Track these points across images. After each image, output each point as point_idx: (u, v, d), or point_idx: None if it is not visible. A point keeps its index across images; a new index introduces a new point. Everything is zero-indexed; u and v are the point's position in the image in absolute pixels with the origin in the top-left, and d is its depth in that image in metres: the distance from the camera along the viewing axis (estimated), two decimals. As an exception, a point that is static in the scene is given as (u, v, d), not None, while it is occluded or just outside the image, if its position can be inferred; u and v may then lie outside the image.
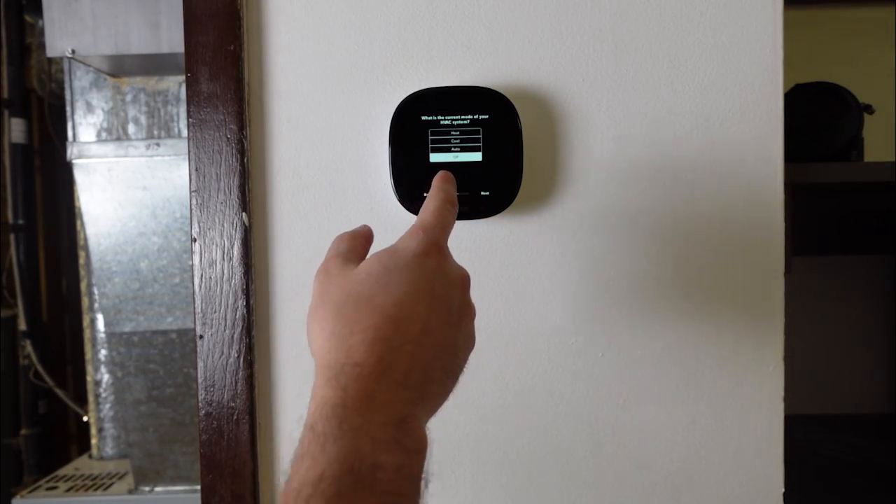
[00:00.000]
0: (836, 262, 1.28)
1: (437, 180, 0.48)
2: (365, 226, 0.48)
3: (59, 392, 1.78)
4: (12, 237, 1.80)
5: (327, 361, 0.38)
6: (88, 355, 1.53)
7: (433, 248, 0.42)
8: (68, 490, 1.42)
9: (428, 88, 0.58)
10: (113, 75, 1.40)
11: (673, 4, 0.59)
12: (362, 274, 0.41)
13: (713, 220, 0.60)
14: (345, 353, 0.37)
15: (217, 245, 0.61)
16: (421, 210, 0.45)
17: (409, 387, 0.37)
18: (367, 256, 0.44)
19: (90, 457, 1.58)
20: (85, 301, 1.53)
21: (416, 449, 0.36)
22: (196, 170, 0.60)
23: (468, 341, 0.44)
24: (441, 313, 0.40)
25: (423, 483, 0.37)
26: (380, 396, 0.36)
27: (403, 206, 0.57)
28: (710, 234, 0.60)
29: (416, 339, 0.38)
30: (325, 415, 0.35)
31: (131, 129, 1.40)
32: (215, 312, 0.61)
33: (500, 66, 0.60)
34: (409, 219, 0.54)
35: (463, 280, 0.44)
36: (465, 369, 0.43)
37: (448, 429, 0.62)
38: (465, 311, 0.43)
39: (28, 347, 1.80)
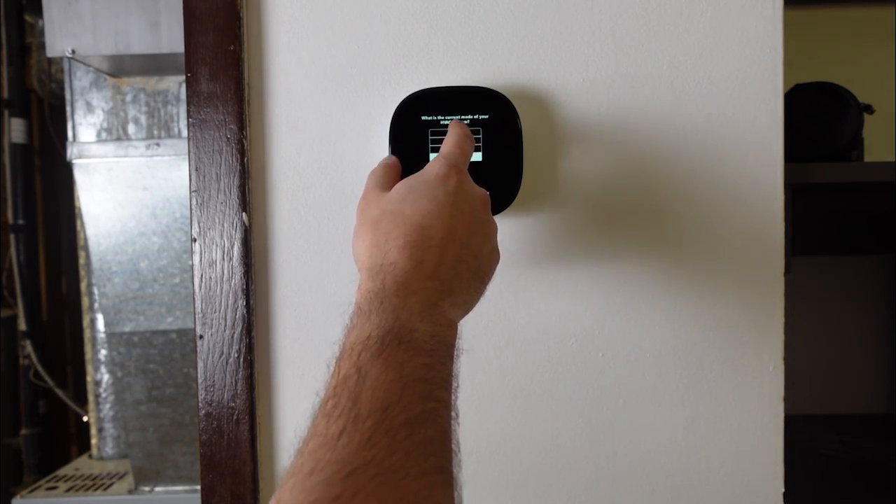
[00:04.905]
0: (836, 262, 1.28)
1: (452, 124, 0.54)
2: (391, 157, 0.56)
3: (59, 392, 1.78)
4: (12, 237, 1.80)
5: (369, 265, 0.45)
6: (88, 355, 1.53)
7: (453, 170, 0.48)
8: (68, 490, 1.42)
9: (428, 88, 0.58)
10: (113, 75, 1.40)
11: (673, 4, 0.59)
12: (393, 194, 0.48)
13: (713, 219, 0.60)
14: (382, 256, 0.44)
15: (217, 245, 0.61)
16: (442, 145, 0.52)
17: (438, 279, 0.44)
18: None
19: (90, 457, 1.58)
20: (85, 301, 1.53)
21: (446, 325, 0.43)
22: (196, 170, 0.60)
23: (493, 253, 0.49)
24: (464, 223, 0.47)
25: (455, 352, 0.43)
26: (413, 284, 0.43)
27: (403, 206, 0.57)
28: (711, 234, 0.60)
29: (442, 243, 0.45)
30: (369, 298, 0.42)
31: (131, 129, 1.40)
32: (215, 312, 0.61)
33: (500, 66, 0.60)
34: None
35: (483, 197, 0.50)
36: (486, 292, 0.49)
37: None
38: (488, 226, 0.49)
39: (28, 347, 1.80)
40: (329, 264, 0.61)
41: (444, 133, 0.57)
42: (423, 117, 0.57)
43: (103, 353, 1.52)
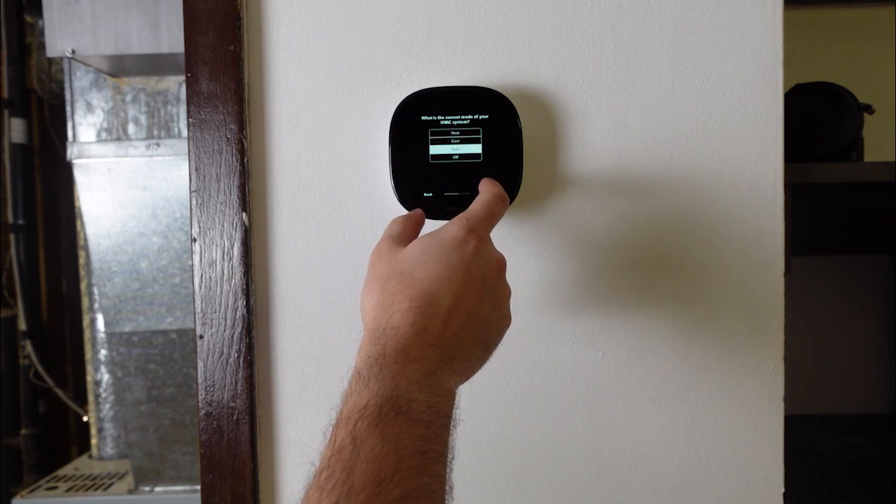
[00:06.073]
0: (837, 262, 1.28)
1: (487, 182, 0.54)
2: (418, 210, 0.55)
3: (59, 392, 1.78)
4: (12, 237, 1.80)
5: (373, 326, 0.45)
6: (88, 355, 1.53)
7: (472, 234, 0.48)
8: (68, 490, 1.42)
9: (428, 88, 0.58)
10: (113, 75, 1.40)
11: (673, 4, 0.59)
12: (407, 254, 0.47)
13: (713, 220, 0.60)
14: (386, 319, 0.44)
15: (217, 245, 0.61)
16: (472, 202, 0.52)
17: (440, 348, 0.43)
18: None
19: (90, 457, 1.58)
20: (85, 301, 1.53)
21: (444, 395, 0.42)
22: (196, 170, 0.60)
23: (503, 319, 0.49)
24: (475, 291, 0.46)
25: (452, 423, 0.43)
26: (414, 352, 0.42)
27: (403, 206, 0.57)
28: (710, 234, 0.60)
29: (448, 311, 0.44)
30: (368, 364, 0.42)
31: (131, 129, 1.40)
32: (215, 312, 0.61)
33: (500, 66, 0.60)
34: (409, 219, 0.54)
35: (498, 263, 0.49)
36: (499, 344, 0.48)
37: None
38: (500, 292, 0.48)
39: (28, 347, 1.80)
40: (329, 264, 0.61)
41: (444, 133, 0.57)
42: (424, 117, 0.57)
43: (103, 353, 1.52)
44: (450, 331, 0.44)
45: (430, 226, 0.55)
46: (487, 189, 0.53)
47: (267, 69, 0.61)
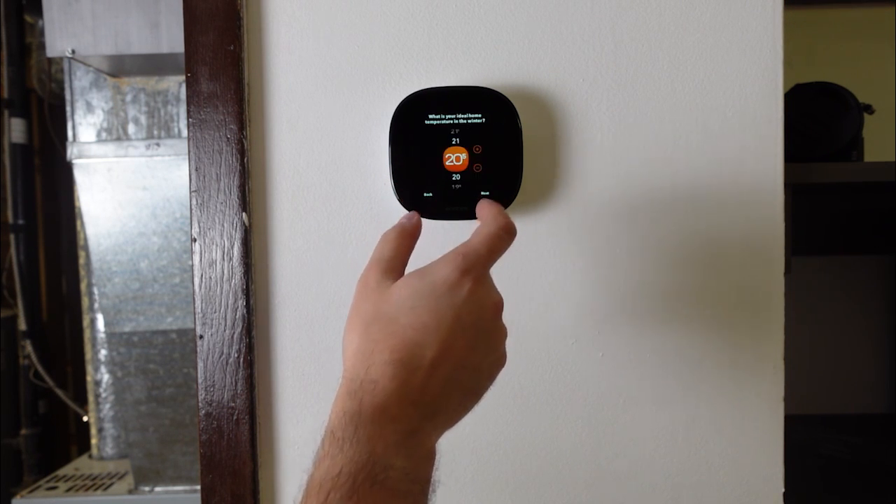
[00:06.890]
0: (837, 262, 1.28)
1: (493, 211, 0.49)
2: (413, 218, 0.50)
3: (59, 392, 1.78)
4: (12, 237, 1.80)
5: (351, 375, 0.42)
6: (88, 355, 1.53)
7: (466, 276, 0.44)
8: (68, 490, 1.42)
9: (428, 88, 0.58)
10: (113, 75, 1.40)
11: (673, 4, 0.59)
12: (394, 295, 0.44)
13: (713, 220, 0.60)
14: (364, 370, 0.41)
15: (217, 245, 0.61)
16: (473, 233, 0.47)
17: (421, 405, 0.41)
18: (405, 275, 0.45)
19: (90, 457, 1.58)
20: (85, 301, 1.53)
21: (424, 457, 0.40)
22: (196, 170, 0.60)
23: (496, 363, 0.46)
24: (465, 338, 0.43)
25: (430, 488, 0.41)
26: (392, 410, 0.40)
27: (403, 206, 0.57)
28: (710, 234, 0.60)
29: (433, 363, 0.41)
30: (343, 423, 0.39)
31: (131, 129, 1.40)
32: (215, 312, 0.61)
33: (500, 66, 0.60)
34: (409, 219, 0.54)
35: (494, 306, 0.45)
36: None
37: (449, 430, 0.62)
38: (495, 336, 0.45)
39: (28, 347, 1.80)
40: (329, 264, 0.61)
41: (444, 133, 0.57)
42: (423, 117, 0.57)
43: (103, 353, 1.52)
44: (433, 384, 0.41)
45: (431, 226, 0.55)
46: (493, 219, 0.47)
47: (267, 69, 0.61)
